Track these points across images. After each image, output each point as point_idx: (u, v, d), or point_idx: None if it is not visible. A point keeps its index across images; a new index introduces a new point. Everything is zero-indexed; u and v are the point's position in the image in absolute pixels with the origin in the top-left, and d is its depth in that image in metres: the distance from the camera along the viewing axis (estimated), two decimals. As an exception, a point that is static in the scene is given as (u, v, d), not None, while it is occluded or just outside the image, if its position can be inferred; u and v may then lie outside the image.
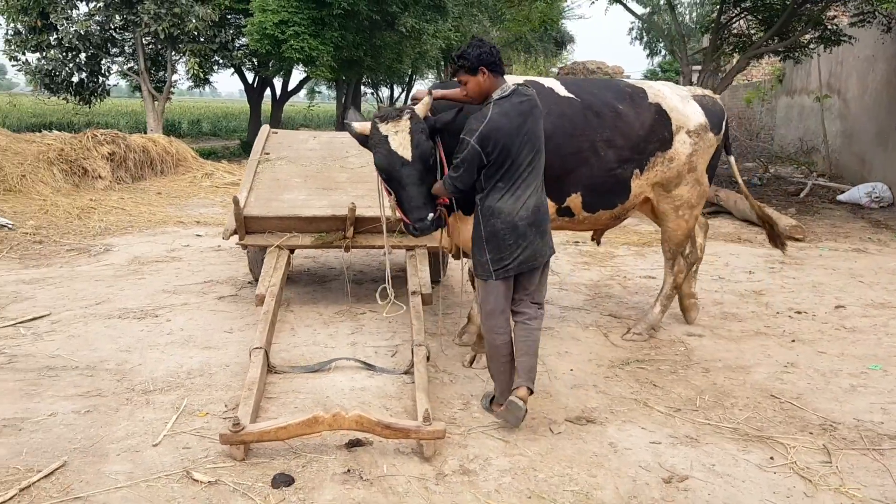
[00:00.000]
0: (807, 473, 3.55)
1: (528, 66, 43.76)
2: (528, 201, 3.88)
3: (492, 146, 3.75)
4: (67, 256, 8.46)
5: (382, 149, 4.02)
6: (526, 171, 3.87)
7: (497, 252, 3.87)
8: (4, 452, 3.68)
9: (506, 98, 3.83)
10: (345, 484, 3.45)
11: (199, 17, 17.99)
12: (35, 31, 18.65)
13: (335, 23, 18.28)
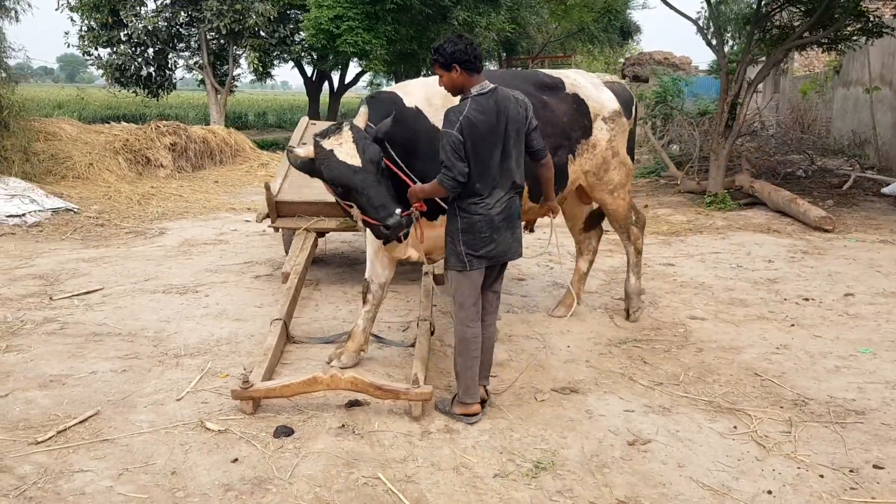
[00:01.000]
0: (764, 441, 3.80)
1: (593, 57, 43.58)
2: (503, 200, 3.97)
3: (468, 138, 3.79)
4: (125, 238, 9.13)
5: (331, 163, 4.05)
6: (499, 168, 3.92)
7: (471, 244, 3.93)
8: (49, 402, 4.22)
9: (484, 95, 3.86)
10: (338, 437, 3.86)
11: (259, 13, 18.72)
12: (106, 28, 19.71)
13: (388, 17, 18.75)
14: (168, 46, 20.71)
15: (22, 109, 12.16)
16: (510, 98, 3.96)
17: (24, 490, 3.30)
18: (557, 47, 39.48)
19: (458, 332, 4.05)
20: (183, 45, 21.72)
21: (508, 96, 3.96)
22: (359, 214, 4.19)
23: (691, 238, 8.94)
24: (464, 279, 4.01)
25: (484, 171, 3.88)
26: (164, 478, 3.43)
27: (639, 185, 13.67)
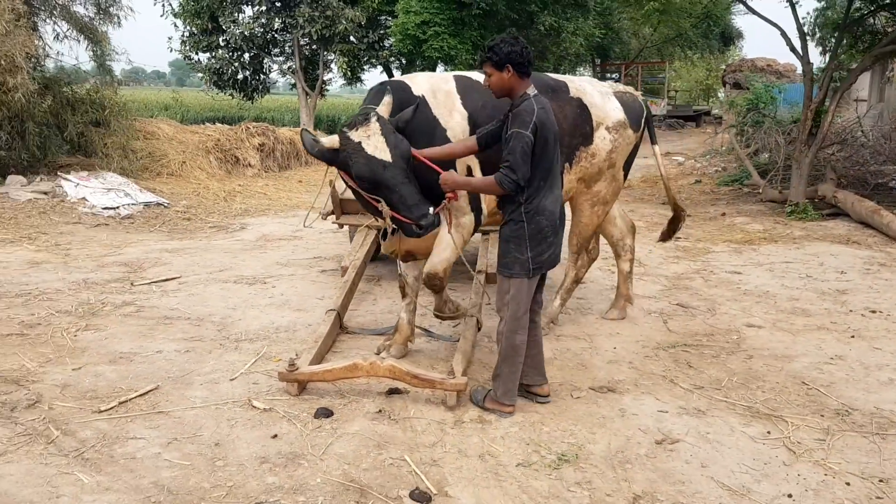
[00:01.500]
0: (795, 447, 3.76)
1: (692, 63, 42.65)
2: (560, 202, 4.08)
3: (540, 138, 3.80)
4: (208, 232, 9.63)
5: (360, 157, 3.91)
6: (557, 170, 4.01)
7: (538, 250, 3.94)
8: (115, 377, 4.57)
9: (539, 97, 3.90)
10: (373, 420, 4.04)
11: (349, 19, 19.24)
12: (206, 33, 20.67)
13: (474, 22, 19.00)
14: (263, 51, 21.54)
15: (122, 110, 12.93)
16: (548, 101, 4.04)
17: (83, 452, 3.61)
18: (654, 53, 38.94)
19: (509, 339, 4.04)
20: (278, 51, 22.52)
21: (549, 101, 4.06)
22: (388, 211, 4.02)
23: (765, 247, 8.74)
24: (525, 287, 3.99)
25: (549, 173, 3.93)
26: (207, 448, 3.68)
27: (721, 193, 13.42)
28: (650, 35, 37.38)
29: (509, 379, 4.09)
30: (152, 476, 3.40)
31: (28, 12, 11.29)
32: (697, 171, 16.85)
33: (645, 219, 10.91)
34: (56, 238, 8.63)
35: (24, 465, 3.47)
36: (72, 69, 13.35)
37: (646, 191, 14.25)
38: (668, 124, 34.60)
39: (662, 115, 33.44)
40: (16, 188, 10.39)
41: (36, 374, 4.55)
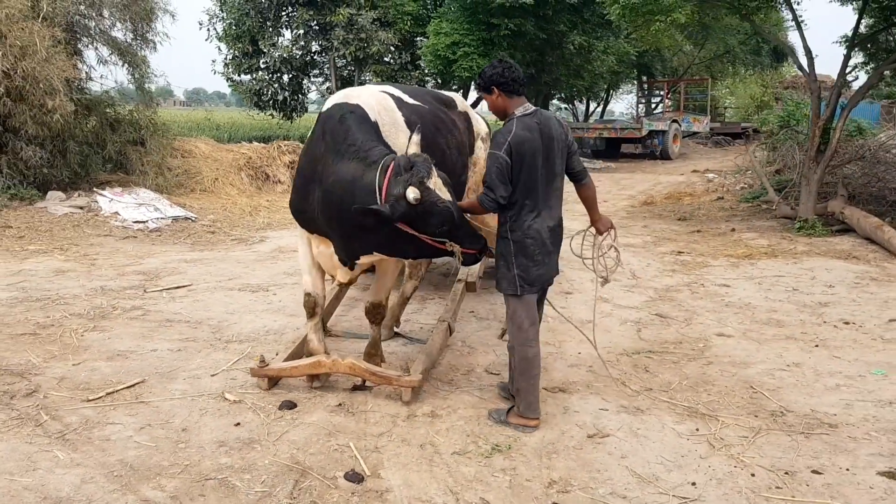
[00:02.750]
0: (716, 443, 3.99)
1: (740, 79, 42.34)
2: (552, 221, 4.09)
3: (517, 158, 3.88)
4: (229, 244, 10.15)
5: (441, 204, 3.84)
6: (548, 189, 4.03)
7: (525, 267, 4.03)
8: (110, 371, 5.02)
9: (528, 115, 3.98)
10: (332, 412, 4.40)
11: (382, 41, 19.84)
12: (247, 56, 21.51)
13: (504, 43, 19.41)
14: (301, 73, 22.32)
15: (158, 130, 13.63)
16: (552, 118, 4.07)
17: (65, 434, 4.05)
18: (703, 69, 38.79)
19: (520, 353, 4.16)
20: (316, 72, 23.29)
21: (550, 116, 4.08)
22: (459, 249, 4.00)
23: (763, 262, 8.86)
24: (519, 303, 4.11)
25: (532, 191, 3.97)
26: (174, 433, 4.09)
27: (739, 209, 13.48)
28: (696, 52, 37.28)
29: (528, 392, 4.16)
30: (120, 454, 3.81)
31: (70, 38, 12.07)
32: (724, 187, 16.88)
33: (655, 234, 11.10)
34: (85, 249, 9.23)
35: (11, 443, 3.92)
36: (114, 91, 14.11)
37: (667, 207, 14.38)
38: (714, 141, 34.45)
39: (706, 132, 33.28)
40: (54, 203, 11.09)
41: (39, 368, 5.02)
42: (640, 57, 30.77)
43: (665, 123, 26.75)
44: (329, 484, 3.58)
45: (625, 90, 44.83)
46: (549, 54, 21.38)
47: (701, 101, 35.04)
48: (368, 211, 3.79)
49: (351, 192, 4.00)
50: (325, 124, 4.33)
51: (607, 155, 27.48)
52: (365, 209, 3.79)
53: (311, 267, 4.81)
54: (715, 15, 12.11)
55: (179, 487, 3.51)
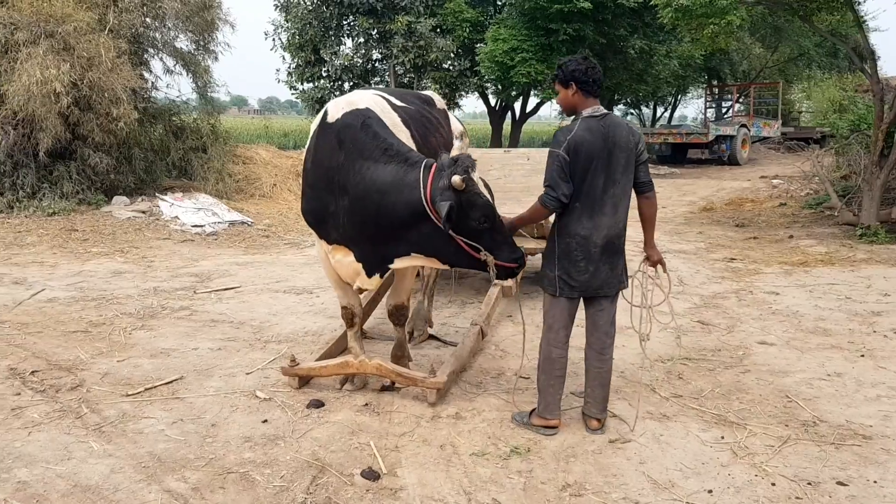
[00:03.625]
0: (739, 451, 3.90)
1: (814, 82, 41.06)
2: (606, 230, 3.91)
3: (575, 157, 3.80)
4: (281, 248, 10.38)
5: (484, 197, 3.89)
6: (604, 196, 3.88)
7: (567, 269, 3.95)
8: (151, 368, 5.21)
9: (594, 118, 3.86)
10: (357, 412, 4.47)
11: (440, 48, 19.99)
12: (309, 65, 21.93)
13: (562, 48, 19.30)
14: (362, 80, 22.62)
15: (219, 137, 14.05)
16: (622, 125, 3.94)
17: (102, 426, 4.22)
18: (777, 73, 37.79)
19: (544, 351, 4.13)
20: (377, 79, 23.57)
21: (620, 123, 3.94)
22: (493, 260, 3.96)
23: (818, 269, 8.59)
24: (554, 303, 4.06)
25: (586, 195, 3.86)
26: (204, 428, 4.22)
27: (800, 216, 13.10)
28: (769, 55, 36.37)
29: (546, 391, 4.12)
30: (150, 447, 3.96)
31: (136, 49, 12.57)
32: (788, 193, 16.42)
33: (710, 240, 10.88)
34: (144, 252, 9.59)
35: (51, 434, 4.11)
36: (179, 99, 14.62)
37: (726, 213, 14.08)
38: (787, 146, 33.49)
39: (777, 137, 32.39)
40: (119, 207, 11.54)
41: (86, 364, 5.25)
42: (707, 61, 30.20)
43: (733, 128, 26.15)
44: (345, 481, 3.64)
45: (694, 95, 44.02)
46: (609, 59, 21.16)
47: (773, 105, 34.11)
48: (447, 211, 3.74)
49: (396, 193, 4.02)
50: (343, 133, 4.28)
51: (674, 160, 27.02)
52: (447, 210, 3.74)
53: (338, 280, 4.77)
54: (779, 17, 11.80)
55: (201, 479, 3.63)
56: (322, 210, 4.39)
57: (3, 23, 10.68)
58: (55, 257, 9.09)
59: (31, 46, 10.50)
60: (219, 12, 13.65)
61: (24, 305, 6.80)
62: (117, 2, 11.78)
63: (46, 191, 11.35)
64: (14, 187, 11.26)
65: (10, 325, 6.16)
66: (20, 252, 9.29)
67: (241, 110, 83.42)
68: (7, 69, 10.60)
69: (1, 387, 4.79)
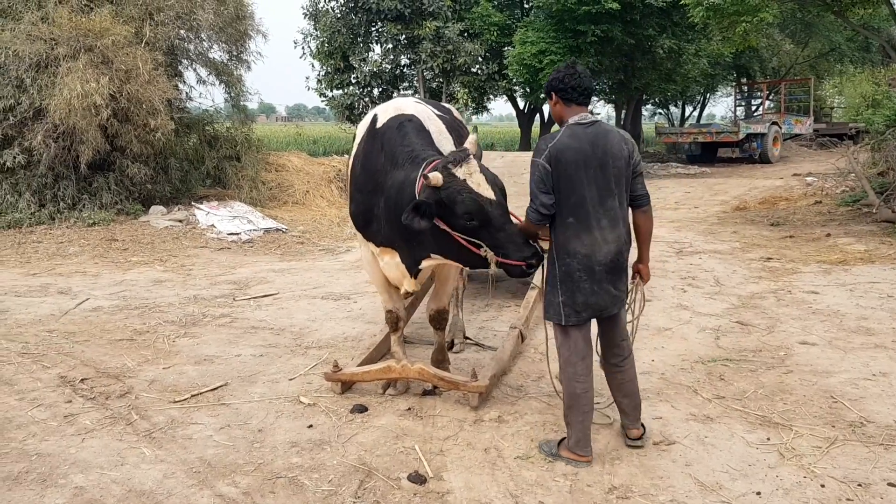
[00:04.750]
0: (787, 452, 3.88)
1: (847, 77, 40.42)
2: (609, 245, 3.65)
3: (557, 167, 3.60)
4: (317, 254, 10.49)
5: (467, 193, 3.74)
6: (600, 208, 3.63)
7: (571, 294, 3.70)
8: (196, 374, 5.31)
9: (581, 125, 3.66)
10: (401, 416, 4.52)
11: (468, 53, 20.04)
12: (339, 72, 22.12)
13: (591, 49, 19.24)
14: (391, 86, 22.76)
15: (252, 145, 14.23)
16: (613, 133, 3.70)
17: (152, 432, 4.32)
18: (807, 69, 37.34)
19: (566, 388, 3.88)
20: (406, 84, 23.69)
21: (611, 130, 3.70)
22: (493, 256, 3.84)
23: (858, 268, 8.48)
24: (563, 335, 3.83)
25: (578, 208, 3.62)
26: (251, 433, 4.29)
27: (837, 213, 12.93)
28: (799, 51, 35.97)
29: (577, 429, 3.84)
30: (200, 452, 4.04)
31: (171, 61, 12.79)
32: (823, 191, 16.20)
33: (745, 240, 10.78)
34: (183, 260, 9.75)
35: (104, 440, 4.22)
36: (213, 109, 14.83)
37: (760, 212, 13.92)
38: (819, 143, 33.02)
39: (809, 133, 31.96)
40: (156, 217, 11.75)
41: (133, 372, 5.37)
42: (736, 58, 29.93)
43: (764, 126, 25.83)
44: (392, 485, 3.69)
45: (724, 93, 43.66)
46: (638, 59, 21.05)
47: (804, 101, 33.69)
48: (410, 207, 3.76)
49: (400, 192, 4.11)
50: (384, 136, 4.42)
51: (704, 159, 26.77)
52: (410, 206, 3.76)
53: (384, 283, 4.87)
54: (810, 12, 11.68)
55: (252, 484, 3.70)
56: (369, 212, 4.49)
57: (44, 38, 10.93)
58: (97, 267, 9.27)
59: (70, 61, 10.74)
60: (251, 23, 13.87)
61: (70, 315, 6.95)
62: (153, 15, 12.01)
63: (86, 202, 11.60)
64: (55, 199, 11.52)
65: (57, 333, 6.31)
66: (63, 262, 9.50)
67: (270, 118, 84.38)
68: (48, 84, 10.84)
69: (53, 394, 4.92)
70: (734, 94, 35.73)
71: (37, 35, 10.98)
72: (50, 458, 3.97)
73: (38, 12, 11.33)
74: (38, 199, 11.47)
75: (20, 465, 3.90)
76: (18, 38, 10.83)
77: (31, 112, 11.09)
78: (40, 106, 10.95)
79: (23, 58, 10.80)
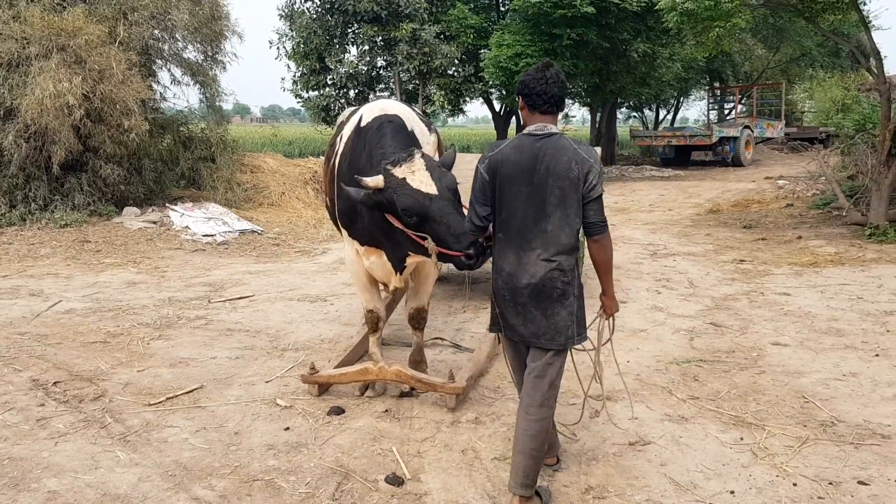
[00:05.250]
0: (759, 452, 3.94)
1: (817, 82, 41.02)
2: (537, 269, 3.29)
3: (494, 178, 3.36)
4: (292, 256, 10.44)
5: (405, 191, 3.84)
6: (533, 228, 3.30)
7: (500, 308, 3.49)
8: (171, 377, 5.26)
9: (532, 136, 3.32)
10: (378, 418, 4.52)
11: (444, 55, 20.08)
12: (314, 73, 22.05)
13: (566, 53, 19.34)
14: (367, 88, 22.73)
15: (227, 146, 14.14)
16: (566, 151, 3.26)
17: (126, 436, 4.28)
18: (778, 73, 37.82)
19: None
20: (382, 86, 23.68)
21: (563, 148, 3.27)
22: (434, 247, 3.86)
23: (828, 270, 8.62)
24: (502, 340, 3.69)
25: (509, 224, 3.36)
26: (227, 436, 4.27)
27: (808, 216, 13.12)
28: (770, 56, 36.45)
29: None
30: (175, 456, 4.01)
31: (145, 61, 12.67)
32: (794, 194, 16.44)
33: (718, 242, 10.91)
34: (157, 262, 9.65)
35: (77, 444, 4.17)
36: (187, 110, 14.72)
37: (733, 215, 14.09)
38: (790, 147, 33.47)
39: (781, 137, 32.40)
40: (130, 218, 11.63)
41: (107, 374, 5.31)
42: (709, 63, 30.24)
43: (736, 129, 26.15)
44: (370, 486, 3.69)
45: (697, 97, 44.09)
46: (613, 63, 21.18)
47: (775, 105, 34.16)
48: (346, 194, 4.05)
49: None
50: (367, 135, 4.51)
51: (677, 163, 27.05)
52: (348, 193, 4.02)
53: (367, 283, 4.94)
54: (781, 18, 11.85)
55: (228, 487, 3.68)
56: (353, 210, 4.53)
57: (16, 37, 10.78)
58: (69, 269, 9.16)
59: (43, 60, 10.60)
60: (227, 23, 13.77)
61: (43, 317, 6.86)
62: (127, 15, 11.89)
63: (58, 203, 11.45)
64: (26, 200, 11.36)
65: (29, 336, 6.23)
66: (34, 264, 9.37)
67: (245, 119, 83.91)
68: (19, 83, 10.70)
69: (25, 398, 4.86)
70: (707, 97, 36.13)
71: (8, 34, 10.84)
72: (22, 463, 3.93)
73: (10, 11, 11.18)
74: (8, 199, 11.30)
75: (-8, 469, 3.85)
76: (-11, 37, 10.68)
77: (1, 112, 10.94)
78: (11, 105, 10.79)
79: (-7, 57, 10.65)
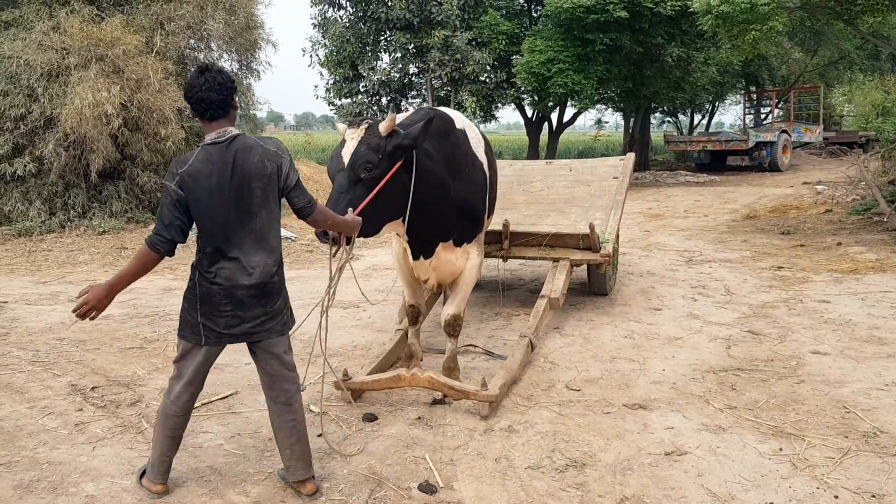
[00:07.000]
0: (800, 463, 3.86)
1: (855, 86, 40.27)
2: (255, 269, 3.42)
3: (191, 193, 3.29)
4: (325, 262, 10.47)
5: (337, 151, 4.21)
6: (241, 231, 3.37)
7: (211, 315, 3.43)
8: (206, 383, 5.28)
9: (216, 145, 3.32)
10: (411, 425, 4.51)
11: (476, 61, 20.09)
12: (347, 80, 22.20)
13: (599, 58, 19.24)
14: (400, 95, 22.82)
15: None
16: (255, 149, 3.35)
17: (162, 440, 4.32)
18: (816, 77, 37.25)
19: (162, 405, 3.67)
20: (414, 93, 23.75)
21: (252, 147, 3.35)
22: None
23: (870, 277, 8.44)
24: (193, 352, 3.56)
25: (217, 234, 3.34)
26: (261, 441, 4.30)
27: (848, 222, 12.88)
28: (808, 60, 35.90)
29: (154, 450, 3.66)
30: (210, 461, 4.05)
31: (181, 70, 12.86)
32: (833, 199, 16.14)
33: (755, 248, 10.74)
34: (192, 268, 9.76)
35: (114, 448, 4.22)
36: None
37: (770, 221, 13.87)
38: (829, 151, 32.93)
39: (819, 142, 31.89)
40: (166, 225, 11.78)
41: (143, 380, 5.38)
42: (745, 67, 29.91)
43: (773, 134, 25.79)
44: (403, 494, 3.68)
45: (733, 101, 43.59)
46: (647, 67, 21.03)
47: (813, 109, 33.63)
48: None
49: None
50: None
51: (713, 168, 26.75)
52: None
53: (410, 278, 5.28)
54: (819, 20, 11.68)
55: (262, 493, 3.69)
56: None
57: (56, 48, 11.01)
58: (107, 275, 9.30)
59: (82, 70, 10.83)
60: (261, 32, 13.95)
61: (81, 323, 6.97)
62: (164, 25, 12.09)
63: (96, 210, 11.66)
64: (66, 207, 11.58)
65: (68, 342, 6.34)
66: (73, 270, 9.54)
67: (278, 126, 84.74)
68: (59, 93, 10.92)
69: (63, 403, 4.93)
70: (743, 102, 35.68)
71: (48, 45, 11.07)
72: (61, 467, 3.98)
73: (50, 22, 11.43)
74: (48, 207, 11.53)
75: (31, 473, 3.91)
76: (30, 48, 10.92)
77: (42, 121, 11.18)
78: (51, 115, 11.03)
79: (34, 67, 10.88)
